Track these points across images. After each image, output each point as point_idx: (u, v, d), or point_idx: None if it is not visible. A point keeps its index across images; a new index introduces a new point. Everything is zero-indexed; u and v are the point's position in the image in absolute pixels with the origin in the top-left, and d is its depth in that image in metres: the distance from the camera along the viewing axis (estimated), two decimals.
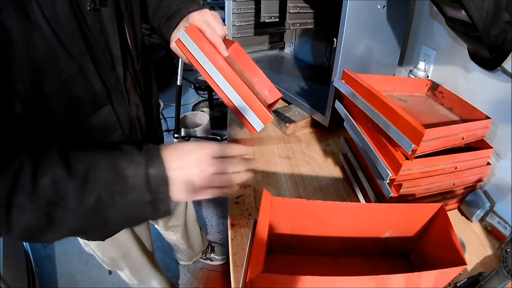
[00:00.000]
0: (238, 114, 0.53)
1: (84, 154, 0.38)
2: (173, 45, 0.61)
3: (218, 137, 2.00)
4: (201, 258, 1.41)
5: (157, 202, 0.39)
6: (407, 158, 0.54)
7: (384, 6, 0.75)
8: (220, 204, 1.75)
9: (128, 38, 0.56)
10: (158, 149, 0.40)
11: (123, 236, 0.78)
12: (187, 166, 0.40)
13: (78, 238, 0.73)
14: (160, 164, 0.39)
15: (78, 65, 0.46)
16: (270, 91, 0.65)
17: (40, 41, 0.40)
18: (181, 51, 0.57)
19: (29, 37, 0.39)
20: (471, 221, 0.67)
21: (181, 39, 0.55)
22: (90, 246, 0.78)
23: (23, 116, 0.42)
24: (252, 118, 0.52)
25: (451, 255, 0.44)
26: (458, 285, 0.52)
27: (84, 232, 0.39)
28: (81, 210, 0.36)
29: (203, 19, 0.55)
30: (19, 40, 0.38)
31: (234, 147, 0.45)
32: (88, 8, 0.45)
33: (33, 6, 0.38)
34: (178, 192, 0.40)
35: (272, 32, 1.26)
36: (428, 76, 0.80)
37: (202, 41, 0.54)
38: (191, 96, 2.68)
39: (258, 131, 0.52)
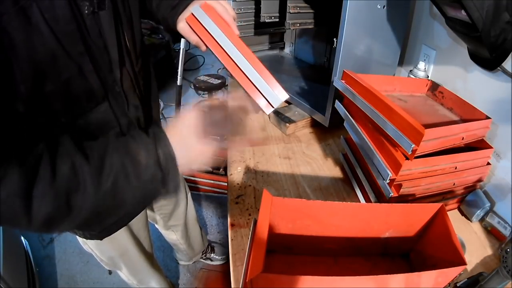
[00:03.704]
0: (252, 91, 0.52)
1: (97, 142, 0.40)
2: (180, 26, 0.60)
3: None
4: (201, 258, 1.41)
5: (167, 179, 0.42)
6: (407, 158, 0.54)
7: (384, 6, 0.75)
8: (220, 204, 1.75)
9: (126, 40, 0.57)
10: (163, 131, 0.43)
11: (122, 236, 0.78)
12: (191, 145, 0.43)
13: (77, 237, 0.73)
14: (166, 144, 0.42)
15: (77, 66, 0.46)
16: None
17: (41, 44, 0.41)
18: (191, 28, 0.56)
19: (30, 40, 0.40)
20: (471, 221, 0.67)
21: (194, 13, 0.55)
22: (88, 245, 0.78)
23: (24, 114, 0.43)
24: (269, 93, 0.51)
25: (451, 255, 0.44)
26: (458, 285, 0.52)
27: (99, 218, 0.41)
28: (99, 194, 0.38)
29: None
30: (20, 43, 0.39)
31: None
32: (87, 11, 0.45)
33: (33, 9, 0.39)
34: (184, 164, 0.43)
35: (272, 32, 1.26)
36: (428, 76, 0.80)
37: (216, 16, 0.54)
38: (191, 96, 2.68)
39: (275, 107, 0.51)
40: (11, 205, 0.34)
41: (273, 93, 0.51)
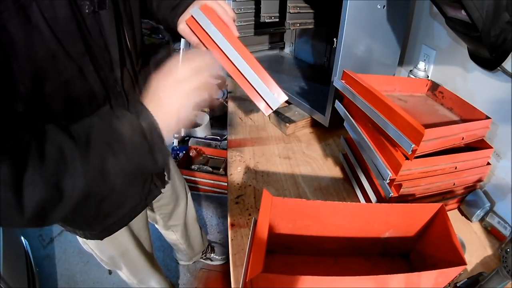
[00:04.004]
0: (252, 93, 0.52)
1: (81, 122, 0.40)
2: (181, 27, 0.60)
3: (218, 137, 2.00)
4: (201, 258, 1.41)
5: (154, 149, 0.42)
6: (407, 158, 0.54)
7: (384, 6, 0.75)
8: (220, 204, 1.75)
9: (127, 40, 0.57)
10: (143, 104, 0.43)
11: (122, 236, 0.78)
12: (169, 110, 0.43)
13: (77, 237, 0.73)
14: (148, 116, 0.41)
15: (77, 66, 0.46)
16: None
17: (40, 43, 0.41)
18: (191, 30, 0.57)
19: (30, 39, 0.40)
20: (471, 221, 0.67)
21: (194, 15, 0.55)
22: (88, 245, 0.78)
23: (23, 115, 0.43)
24: (268, 95, 0.51)
25: (451, 255, 0.44)
26: (458, 285, 0.52)
27: (92, 199, 0.40)
28: (88, 173, 0.37)
29: (214, 0, 0.56)
30: (20, 42, 0.39)
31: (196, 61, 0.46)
32: (87, 11, 0.45)
33: (33, 8, 0.39)
34: (168, 130, 0.43)
35: (272, 32, 1.26)
36: (428, 76, 0.80)
37: (216, 18, 0.54)
38: None
39: (273, 109, 0.51)
40: (3, 197, 0.33)
41: (272, 96, 0.51)
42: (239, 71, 0.52)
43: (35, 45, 0.40)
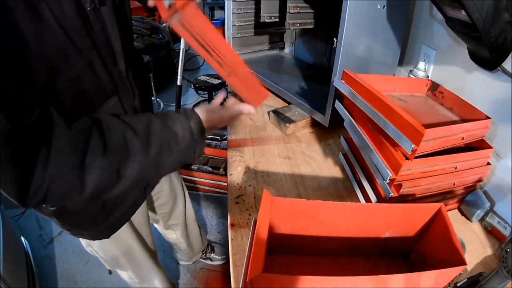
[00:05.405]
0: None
1: (139, 117, 0.47)
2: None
3: (218, 137, 2.00)
4: (201, 258, 1.41)
5: (197, 147, 0.51)
6: (407, 158, 0.54)
7: (384, 6, 0.75)
8: (220, 204, 1.75)
9: (126, 33, 0.58)
10: (192, 109, 0.53)
11: (125, 233, 0.78)
12: (215, 119, 0.55)
13: (81, 240, 0.74)
14: (197, 119, 0.51)
15: (87, 60, 0.48)
16: None
17: (52, 40, 0.42)
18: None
19: (41, 36, 0.41)
20: (471, 221, 0.67)
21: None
22: (92, 247, 0.77)
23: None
24: None
25: (451, 255, 0.44)
26: (458, 285, 0.52)
27: (141, 182, 0.50)
28: (146, 161, 0.44)
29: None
30: (32, 39, 0.39)
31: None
32: (88, 8, 0.46)
33: (43, 6, 0.40)
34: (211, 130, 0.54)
35: (272, 32, 1.27)
36: (428, 76, 0.80)
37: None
38: (191, 96, 2.68)
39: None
40: (65, 178, 0.37)
41: None
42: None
43: (46, 42, 0.41)
